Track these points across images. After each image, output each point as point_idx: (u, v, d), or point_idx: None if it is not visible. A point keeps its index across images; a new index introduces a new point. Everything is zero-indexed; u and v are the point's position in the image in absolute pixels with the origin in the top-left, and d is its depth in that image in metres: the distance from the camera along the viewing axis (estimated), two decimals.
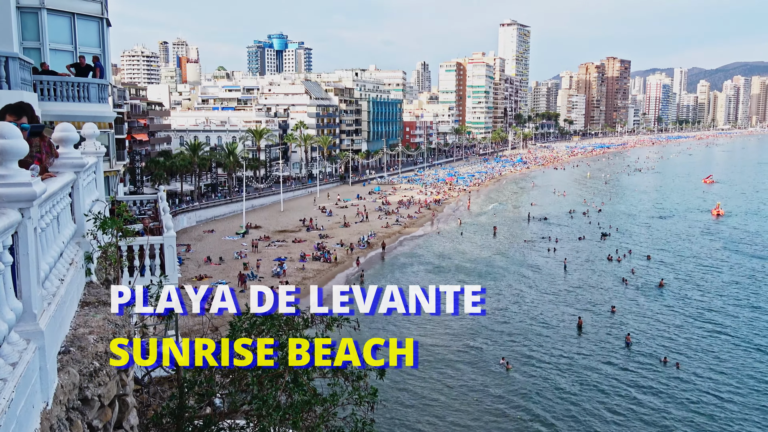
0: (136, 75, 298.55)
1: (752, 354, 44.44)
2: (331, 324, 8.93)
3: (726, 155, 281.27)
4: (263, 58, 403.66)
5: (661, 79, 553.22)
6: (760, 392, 38.21)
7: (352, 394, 8.49)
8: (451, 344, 45.92)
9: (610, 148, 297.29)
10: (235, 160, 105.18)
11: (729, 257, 75.05)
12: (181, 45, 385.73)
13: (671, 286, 62.09)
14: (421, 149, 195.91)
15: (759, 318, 52.32)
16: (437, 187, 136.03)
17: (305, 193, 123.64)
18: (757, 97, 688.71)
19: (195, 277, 59.76)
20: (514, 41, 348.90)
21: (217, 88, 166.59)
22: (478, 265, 70.57)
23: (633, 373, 40.97)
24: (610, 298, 57.42)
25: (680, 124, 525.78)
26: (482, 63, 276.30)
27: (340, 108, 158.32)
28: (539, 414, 35.36)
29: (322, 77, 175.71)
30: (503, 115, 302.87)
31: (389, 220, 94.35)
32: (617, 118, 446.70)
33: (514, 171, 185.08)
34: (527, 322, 51.10)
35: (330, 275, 64.45)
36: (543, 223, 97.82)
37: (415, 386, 38.53)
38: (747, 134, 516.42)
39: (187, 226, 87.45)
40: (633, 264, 70.40)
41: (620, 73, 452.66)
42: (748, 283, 63.20)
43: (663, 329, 49.37)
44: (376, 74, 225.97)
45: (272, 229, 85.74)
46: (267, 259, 68.11)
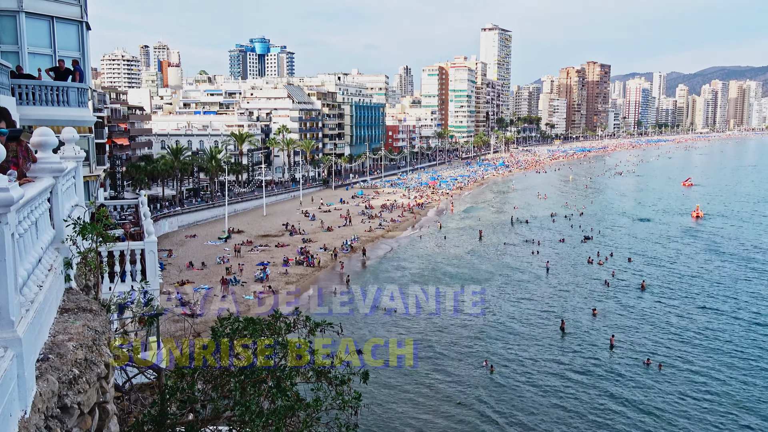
0: (116, 79, 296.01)
1: (734, 354, 44.98)
2: (314, 329, 8.90)
3: (704, 158, 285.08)
4: (245, 62, 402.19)
5: (641, 84, 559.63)
6: (743, 392, 38.68)
7: (335, 399, 8.45)
8: (434, 346, 45.96)
9: (591, 152, 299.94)
10: (217, 164, 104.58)
11: (709, 259, 75.99)
12: (162, 49, 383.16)
13: (653, 287, 62.73)
14: (404, 153, 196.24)
15: (740, 319, 52.99)
16: (420, 191, 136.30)
17: (288, 197, 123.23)
18: (734, 101, 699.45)
19: (177, 283, 59.27)
20: (496, 46, 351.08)
21: (198, 92, 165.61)
22: (462, 268, 70.77)
23: (616, 374, 41.29)
24: (592, 301, 57.84)
25: (660, 128, 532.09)
26: (464, 67, 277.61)
27: (323, 112, 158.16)
28: (521, 417, 35.49)
29: (304, 81, 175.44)
30: (485, 118, 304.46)
31: (372, 224, 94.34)
32: (598, 122, 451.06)
33: (497, 174, 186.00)
34: (510, 324, 51.31)
35: (313, 279, 64.32)
36: (525, 226, 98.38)
37: (397, 388, 38.49)
38: (725, 138, 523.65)
39: (169, 231, 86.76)
40: (614, 266, 71.01)
41: (600, 77, 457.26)
42: (728, 285, 64.01)
43: (645, 331, 49.84)
44: (358, 78, 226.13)
45: (255, 234, 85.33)
46: (250, 264, 67.76)
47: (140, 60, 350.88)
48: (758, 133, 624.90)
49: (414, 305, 56.51)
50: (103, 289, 12.66)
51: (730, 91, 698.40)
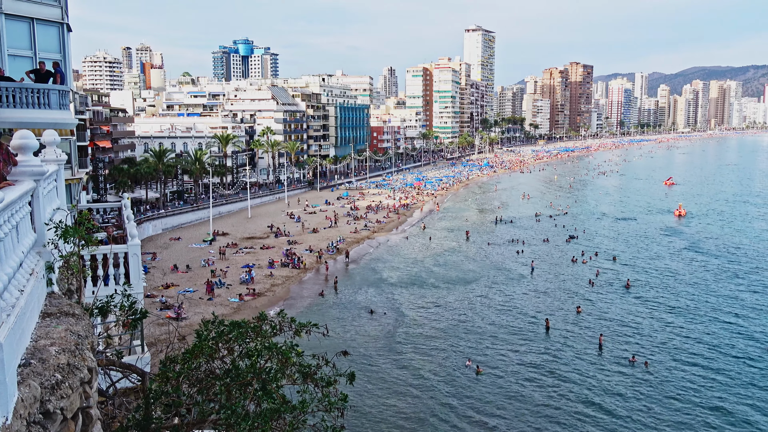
0: (98, 81, 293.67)
1: (718, 351, 45.47)
2: (300, 330, 8.88)
3: (686, 158, 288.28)
4: (229, 64, 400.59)
5: (623, 84, 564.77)
6: (728, 387, 39.12)
7: (321, 401, 8.43)
8: (419, 347, 46.03)
9: (574, 152, 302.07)
10: (201, 166, 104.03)
11: (692, 257, 76.82)
12: (144, 50, 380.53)
13: (637, 285, 63.27)
14: (388, 154, 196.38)
15: (723, 315, 53.59)
16: (405, 192, 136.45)
17: (273, 199, 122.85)
18: (715, 100, 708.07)
19: (161, 286, 58.88)
20: (480, 47, 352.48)
21: (182, 94, 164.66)
22: (448, 269, 70.93)
23: (602, 373, 41.57)
24: (577, 300, 58.20)
25: (642, 128, 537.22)
26: (448, 68, 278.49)
27: (308, 113, 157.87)
28: (507, 416, 35.63)
29: (288, 83, 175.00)
30: (470, 119, 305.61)
31: (358, 226, 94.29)
32: (581, 122, 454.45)
33: (482, 175, 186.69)
34: (495, 324, 51.50)
35: (298, 281, 64.16)
36: (510, 226, 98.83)
37: (383, 388, 38.51)
38: (706, 137, 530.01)
39: (153, 233, 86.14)
40: (599, 265, 71.54)
41: (583, 78, 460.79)
42: (711, 282, 64.75)
43: (630, 329, 50.24)
44: (343, 80, 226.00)
45: (240, 236, 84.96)
46: (235, 267, 67.45)
47: (122, 62, 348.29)
48: (739, 133, 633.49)
49: (400, 306, 56.55)
50: (86, 293, 12.55)
51: (710, 91, 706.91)
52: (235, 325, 8.55)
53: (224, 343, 8.54)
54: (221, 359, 8.56)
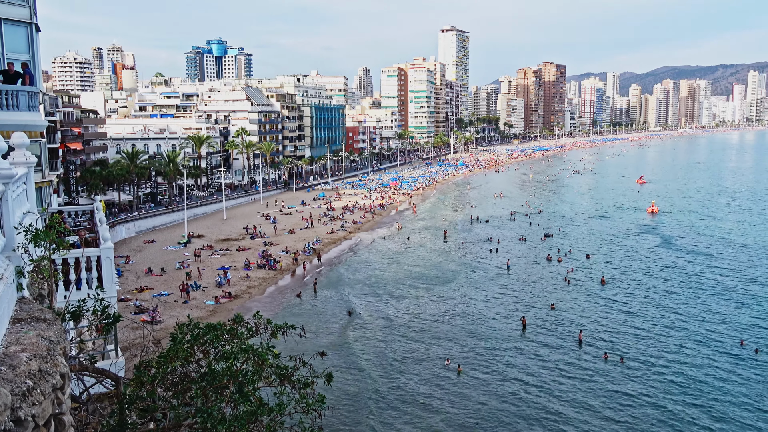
0: (68, 82, 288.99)
1: (694, 345, 46.24)
2: (276, 332, 8.83)
3: (657, 156, 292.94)
4: (202, 64, 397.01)
5: (595, 83, 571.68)
6: (704, 383, 39.80)
7: (299, 402, 8.39)
8: (398, 347, 46.09)
9: (548, 151, 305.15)
10: (175, 168, 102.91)
11: (665, 253, 78.11)
12: (116, 51, 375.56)
13: (612, 282, 64.08)
14: (364, 154, 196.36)
15: (696, 310, 54.52)
16: (381, 192, 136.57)
17: (248, 200, 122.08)
18: (685, 99, 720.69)
19: (135, 289, 58.17)
20: (454, 47, 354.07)
21: (154, 95, 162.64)
22: (425, 268, 71.14)
23: (577, 369, 42.02)
24: (552, 297, 58.74)
25: (614, 127, 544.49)
26: (423, 68, 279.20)
27: (283, 114, 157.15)
28: (488, 414, 35.85)
29: (263, 83, 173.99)
30: (445, 119, 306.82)
31: (334, 226, 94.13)
32: (555, 121, 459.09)
33: (457, 174, 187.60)
34: (473, 322, 51.77)
35: (275, 283, 63.85)
36: (486, 225, 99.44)
37: (362, 388, 38.48)
38: (677, 135, 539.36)
39: (126, 236, 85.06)
40: (574, 263, 72.34)
41: (557, 77, 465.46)
42: (684, 277, 65.85)
43: (605, 325, 50.86)
44: (317, 80, 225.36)
45: (215, 238, 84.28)
46: (210, 269, 66.89)
47: (93, 62, 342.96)
48: (708, 131, 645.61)
49: (378, 306, 56.57)
50: (58, 298, 12.35)
51: (681, 90, 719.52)
52: (211, 328, 8.47)
53: (200, 346, 8.46)
54: (197, 362, 8.49)
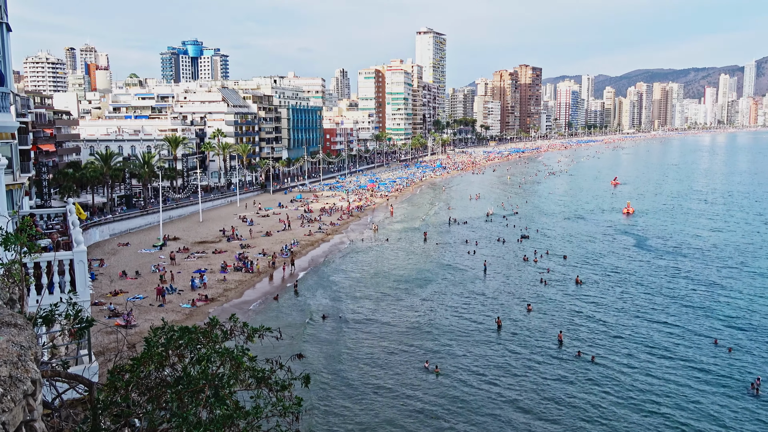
0: (40, 83, 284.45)
1: (669, 345, 46.90)
2: (252, 335, 8.76)
3: (631, 158, 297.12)
4: (178, 65, 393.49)
5: (570, 86, 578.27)
6: (677, 381, 40.39)
7: (276, 405, 8.34)
8: (377, 349, 46.07)
9: (525, 153, 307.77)
10: (150, 170, 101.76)
11: (641, 253, 79.27)
12: (89, 51, 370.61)
13: (588, 283, 64.76)
14: (342, 156, 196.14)
15: (672, 310, 55.33)
16: (359, 194, 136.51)
17: (225, 202, 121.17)
18: (658, 102, 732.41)
19: (110, 293, 57.37)
20: (431, 49, 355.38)
21: (129, 96, 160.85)
22: (403, 270, 71.24)
23: (549, 367, 42.38)
24: (528, 298, 59.17)
25: (589, 129, 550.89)
26: (400, 70, 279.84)
27: (259, 116, 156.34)
28: (466, 414, 35.99)
29: (239, 84, 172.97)
30: (422, 121, 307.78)
31: (312, 228, 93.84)
32: (531, 123, 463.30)
33: (435, 176, 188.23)
34: (452, 324, 51.94)
35: (252, 285, 63.43)
36: (464, 226, 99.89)
37: (341, 391, 38.39)
38: (650, 137, 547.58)
39: (100, 239, 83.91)
40: (550, 264, 72.98)
41: (532, 80, 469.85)
42: (659, 276, 66.77)
43: (581, 325, 51.35)
44: (294, 81, 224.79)
45: (191, 241, 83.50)
46: (186, 272, 66.25)
47: (66, 63, 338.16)
48: (681, 133, 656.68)
49: (356, 308, 56.50)
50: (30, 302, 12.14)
51: (654, 92, 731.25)
52: (186, 331, 8.38)
53: (174, 350, 8.36)
54: (172, 366, 8.39)
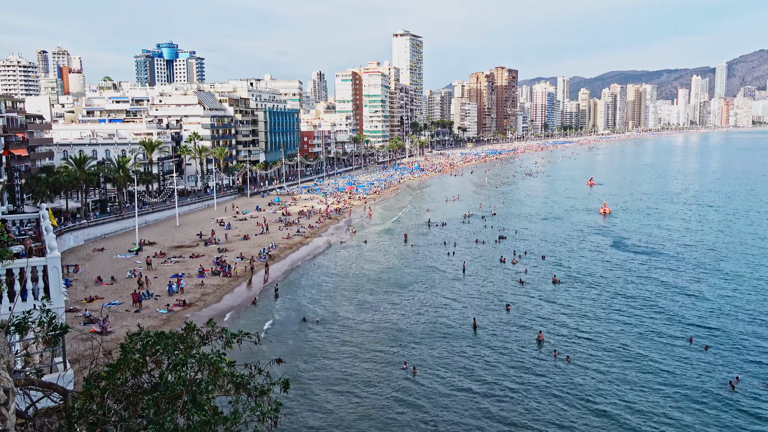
0: (12, 86, 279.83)
1: (645, 342, 47.48)
2: (231, 340, 8.70)
3: (606, 158, 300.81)
4: (153, 68, 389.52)
5: (546, 88, 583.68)
6: (651, 378, 40.90)
7: (254, 411, 8.28)
8: (356, 351, 46.00)
9: (502, 154, 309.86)
10: (125, 174, 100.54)
11: (617, 252, 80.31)
12: (61, 54, 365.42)
13: (566, 282, 65.33)
14: (319, 159, 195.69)
15: (648, 308, 56.03)
16: (337, 197, 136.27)
17: (202, 206, 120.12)
18: (632, 103, 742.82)
19: (85, 299, 56.56)
20: (408, 51, 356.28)
21: (103, 100, 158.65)
22: (382, 273, 71.23)
23: (528, 367, 42.67)
24: (506, 298, 59.50)
25: (565, 130, 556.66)
26: (377, 72, 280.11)
27: (236, 119, 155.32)
28: (444, 413, 36.08)
29: (215, 87, 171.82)
30: (400, 123, 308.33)
31: (290, 231, 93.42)
32: (507, 124, 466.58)
33: (413, 178, 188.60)
34: (430, 325, 52.05)
35: (230, 290, 62.94)
36: (442, 228, 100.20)
37: (321, 395, 38.25)
38: (625, 138, 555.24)
39: (75, 245, 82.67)
40: (528, 264, 73.50)
41: (509, 82, 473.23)
42: (635, 275, 67.64)
43: (557, 324, 51.76)
44: (271, 84, 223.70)
45: (168, 245, 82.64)
46: (163, 277, 65.55)
47: (38, 66, 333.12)
48: (654, 134, 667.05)
49: (335, 311, 56.36)
50: (2, 309, 11.93)
51: (627, 94, 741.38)
52: (162, 337, 8.30)
53: (151, 356, 8.27)
54: (149, 373, 8.30)
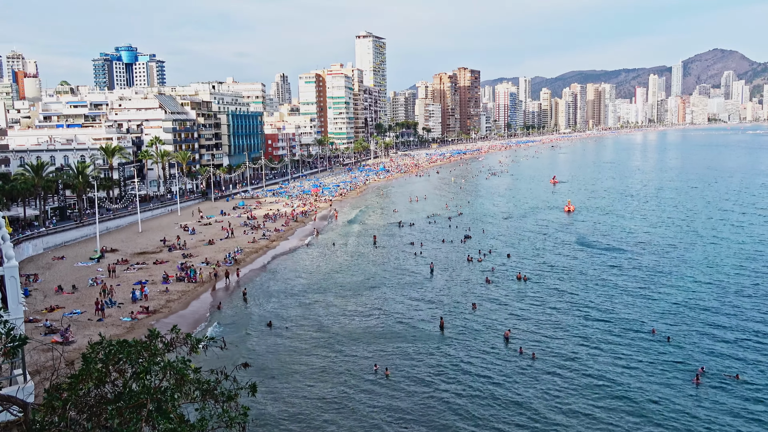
0: None
1: (610, 337, 48.32)
2: (196, 346, 8.59)
3: (568, 157, 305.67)
4: (111, 72, 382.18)
5: (508, 88, 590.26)
6: (615, 371, 41.63)
7: (221, 416, 8.19)
8: (325, 355, 45.80)
9: (466, 154, 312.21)
10: (85, 180, 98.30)
11: (582, 248, 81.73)
12: (16, 58, 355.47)
13: (531, 279, 66.13)
14: (284, 161, 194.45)
15: (611, 302, 57.05)
16: (303, 199, 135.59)
17: (165, 211, 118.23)
18: (592, 102, 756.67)
19: (45, 309, 55.15)
20: (371, 53, 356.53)
21: (60, 104, 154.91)
22: (350, 275, 71.09)
23: (493, 363, 43.05)
24: (473, 297, 59.92)
25: (527, 129, 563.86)
26: (341, 74, 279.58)
27: (198, 122, 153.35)
28: (415, 415, 36.17)
29: (177, 90, 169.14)
30: (364, 125, 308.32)
31: (256, 235, 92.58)
32: (471, 125, 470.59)
33: (378, 179, 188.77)
34: (400, 326, 52.10)
35: (195, 295, 62.09)
36: (409, 228, 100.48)
37: (289, 399, 37.98)
38: (585, 137, 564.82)
39: (34, 254, 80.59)
40: (495, 263, 74.17)
41: (471, 82, 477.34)
42: (599, 270, 68.85)
43: (523, 321, 52.36)
44: (234, 87, 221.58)
45: (131, 252, 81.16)
46: (126, 284, 64.33)
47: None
48: (614, 132, 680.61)
49: (304, 315, 56.06)
50: None
51: (587, 93, 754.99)
52: (125, 345, 8.14)
53: (114, 365, 8.11)
54: (112, 382, 8.13)
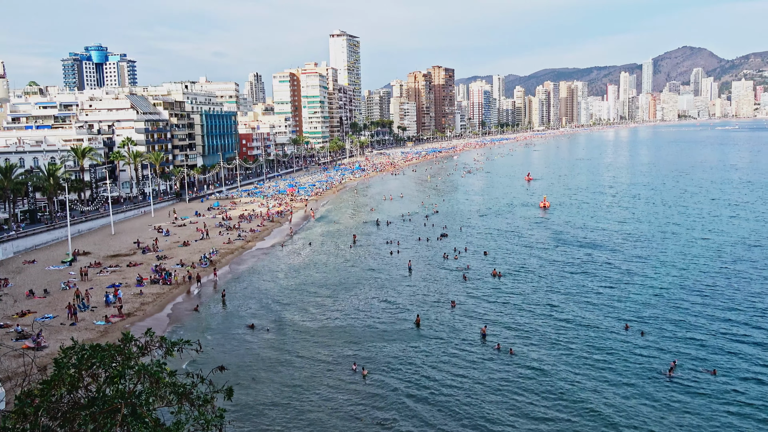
0: None
1: (585, 332, 48.85)
2: (171, 349, 8.47)
3: (542, 154, 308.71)
4: (81, 72, 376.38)
5: (482, 86, 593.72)
6: (591, 365, 42.12)
7: (198, 419, 8.09)
8: (304, 355, 45.62)
9: (441, 152, 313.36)
10: (55, 182, 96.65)
11: (558, 244, 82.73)
12: None
13: (507, 276, 66.60)
14: (259, 161, 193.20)
15: (585, 297, 57.69)
16: (278, 199, 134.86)
17: (138, 213, 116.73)
18: (565, 100, 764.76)
19: (16, 314, 54.11)
20: (345, 51, 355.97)
21: (29, 105, 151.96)
22: (328, 275, 70.88)
23: (469, 362, 43.29)
24: (450, 295, 60.16)
25: (502, 127, 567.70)
26: (315, 73, 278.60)
27: (171, 122, 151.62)
28: (397, 413, 36.21)
29: (149, 91, 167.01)
30: (339, 124, 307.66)
31: (231, 236, 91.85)
32: (446, 123, 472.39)
33: (354, 178, 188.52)
34: (378, 325, 52.10)
35: (171, 298, 61.41)
36: (385, 227, 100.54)
37: (267, 402, 37.77)
38: (559, 134, 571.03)
39: (3, 258, 79.03)
40: (471, 260, 74.54)
41: (445, 81, 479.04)
42: (575, 266, 69.56)
43: (500, 318, 52.69)
44: (207, 86, 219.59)
45: (103, 255, 79.97)
46: (100, 287, 63.36)
47: None
48: (587, 129, 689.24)
49: (281, 316, 55.78)
50: None
51: (560, 91, 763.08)
52: (98, 349, 8.00)
53: (87, 370, 7.97)
54: (85, 387, 7.99)
